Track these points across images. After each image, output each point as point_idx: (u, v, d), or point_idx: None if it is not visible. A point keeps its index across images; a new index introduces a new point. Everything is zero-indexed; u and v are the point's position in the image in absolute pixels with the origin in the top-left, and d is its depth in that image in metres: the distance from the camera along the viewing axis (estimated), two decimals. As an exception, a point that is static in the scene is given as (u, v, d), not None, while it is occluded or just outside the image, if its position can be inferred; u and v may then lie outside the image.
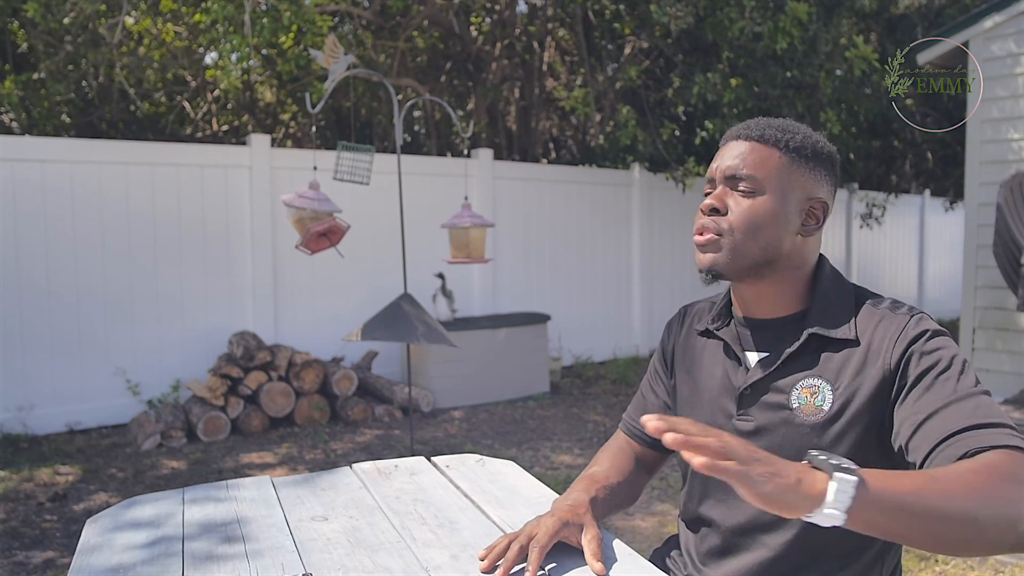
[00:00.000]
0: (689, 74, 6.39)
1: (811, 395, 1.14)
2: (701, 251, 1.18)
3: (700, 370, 1.28)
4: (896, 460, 1.10)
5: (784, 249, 1.16)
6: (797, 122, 1.22)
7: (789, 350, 1.16)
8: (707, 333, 1.29)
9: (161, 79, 7.89)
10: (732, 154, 1.17)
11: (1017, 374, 4.74)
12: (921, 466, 1.01)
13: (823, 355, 1.14)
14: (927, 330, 1.09)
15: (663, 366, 1.39)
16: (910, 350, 1.08)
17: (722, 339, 1.25)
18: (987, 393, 1.05)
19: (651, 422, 0.85)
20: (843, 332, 1.14)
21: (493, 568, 1.06)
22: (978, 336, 4.94)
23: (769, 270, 1.17)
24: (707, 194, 1.21)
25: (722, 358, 1.25)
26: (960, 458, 0.96)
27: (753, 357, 1.21)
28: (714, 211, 1.17)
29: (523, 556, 1.07)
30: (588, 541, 1.11)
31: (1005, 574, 2.68)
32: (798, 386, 1.15)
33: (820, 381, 1.13)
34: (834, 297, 1.18)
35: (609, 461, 1.35)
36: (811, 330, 1.15)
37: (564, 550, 1.11)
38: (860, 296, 1.19)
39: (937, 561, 2.80)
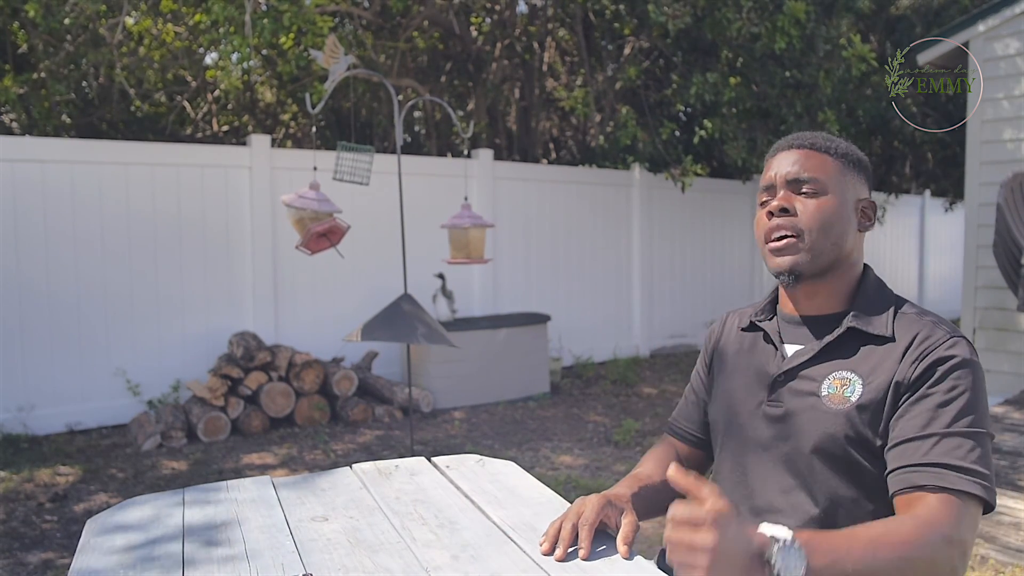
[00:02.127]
0: (688, 74, 6.39)
1: (841, 385, 1.18)
2: (778, 254, 1.23)
3: (739, 363, 1.33)
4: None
5: (848, 246, 1.23)
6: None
7: (828, 339, 1.21)
8: (751, 327, 1.34)
9: (161, 79, 7.90)
10: (789, 161, 1.24)
11: (1017, 374, 4.74)
12: (889, 476, 1.10)
13: (861, 350, 1.19)
14: (956, 356, 1.12)
15: (704, 365, 1.45)
16: (934, 369, 1.12)
17: (763, 329, 1.31)
18: (981, 436, 1.08)
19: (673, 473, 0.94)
20: (879, 328, 1.19)
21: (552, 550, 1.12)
22: (978, 336, 4.94)
23: (835, 267, 1.23)
24: (762, 203, 1.27)
25: (761, 348, 1.30)
26: (909, 488, 1.06)
27: (791, 348, 1.26)
28: (784, 212, 1.22)
29: (575, 534, 1.13)
30: (625, 523, 1.16)
31: (1005, 574, 2.68)
32: (831, 376, 1.19)
33: (853, 374, 1.17)
34: (876, 300, 1.23)
35: (653, 463, 1.40)
36: (850, 323, 1.20)
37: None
38: (901, 303, 1.24)
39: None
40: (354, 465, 1.54)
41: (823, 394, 1.18)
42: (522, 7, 8.39)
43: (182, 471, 4.01)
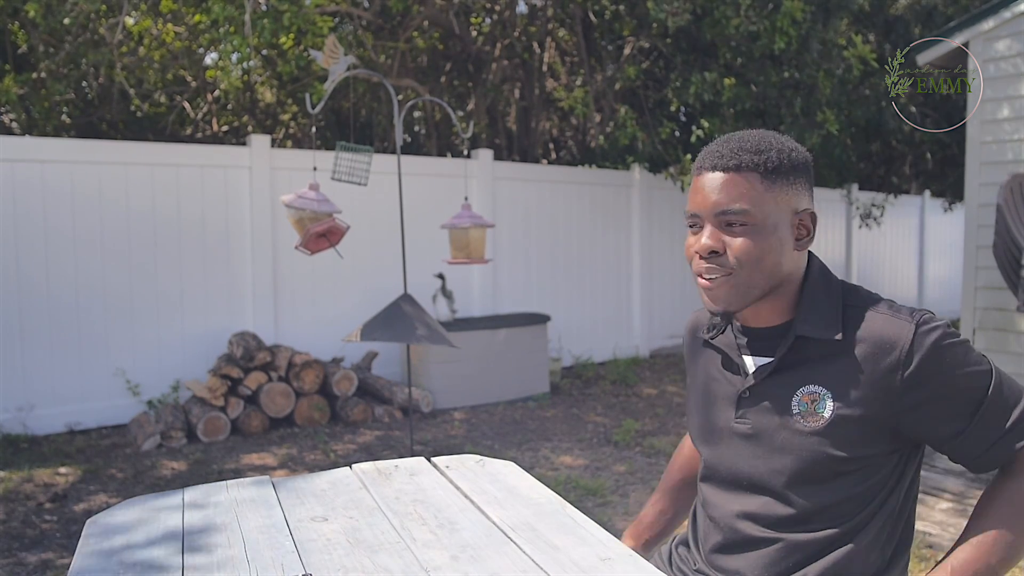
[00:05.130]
0: (687, 74, 6.40)
1: (811, 402, 1.15)
2: (710, 295, 1.17)
3: (706, 375, 1.32)
4: (901, 450, 1.16)
5: (785, 269, 1.17)
6: (762, 132, 1.20)
7: (780, 352, 1.18)
8: (707, 343, 1.32)
9: (161, 79, 7.89)
10: (714, 188, 1.15)
11: (1017, 375, 4.74)
12: (972, 466, 1.14)
13: (822, 362, 1.16)
14: (936, 339, 1.11)
15: (686, 370, 1.46)
16: (927, 367, 1.10)
17: (720, 348, 1.28)
18: (1007, 382, 1.13)
19: None
20: (829, 332, 1.15)
21: None
22: (978, 337, 4.94)
23: (774, 289, 1.19)
24: (690, 227, 1.20)
25: (724, 362, 1.28)
26: (1001, 463, 1.12)
27: (751, 362, 1.24)
28: (713, 253, 1.15)
29: None
30: None
31: (1005, 575, 2.68)
32: (799, 392, 1.17)
33: (820, 388, 1.15)
34: (821, 298, 1.19)
35: (679, 469, 1.53)
36: (798, 332, 1.17)
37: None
38: (849, 295, 1.19)
39: (938, 563, 2.80)
40: (354, 465, 1.54)
41: (794, 412, 1.17)
42: (522, 7, 8.39)
43: (182, 471, 4.01)
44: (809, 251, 1.22)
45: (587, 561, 1.09)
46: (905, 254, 10.58)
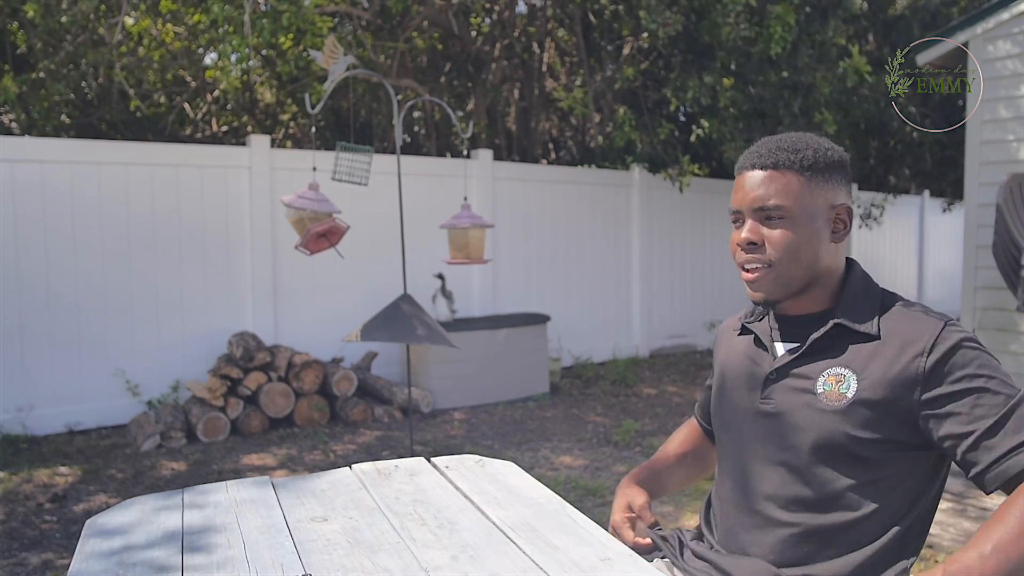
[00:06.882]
0: (686, 75, 6.41)
1: (836, 382, 1.19)
2: (751, 286, 1.25)
3: (734, 362, 1.36)
4: (922, 448, 1.17)
5: (823, 263, 1.23)
6: (800, 133, 1.27)
7: (814, 335, 1.22)
8: (743, 329, 1.37)
9: (161, 80, 7.89)
10: (753, 185, 1.22)
11: (1017, 374, 4.74)
12: (979, 477, 1.10)
13: (851, 347, 1.20)
14: (962, 339, 1.14)
15: (713, 364, 1.50)
16: (949, 361, 1.13)
17: (754, 332, 1.33)
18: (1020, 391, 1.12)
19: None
20: (866, 327, 1.20)
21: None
22: (978, 337, 4.95)
23: (813, 281, 1.24)
24: (734, 223, 1.27)
25: (754, 350, 1.32)
26: (1017, 475, 1.08)
27: (782, 347, 1.29)
28: (751, 245, 1.23)
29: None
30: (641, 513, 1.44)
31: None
32: (825, 373, 1.20)
33: (847, 370, 1.19)
34: (862, 296, 1.24)
35: (678, 439, 1.57)
36: (836, 320, 1.21)
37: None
38: (888, 297, 1.25)
39: (937, 563, 2.80)
40: (353, 465, 1.54)
41: (818, 392, 1.20)
42: (521, 7, 8.39)
43: (181, 471, 4.01)
44: (850, 257, 1.29)
45: (587, 561, 1.09)
46: (905, 254, 10.59)
